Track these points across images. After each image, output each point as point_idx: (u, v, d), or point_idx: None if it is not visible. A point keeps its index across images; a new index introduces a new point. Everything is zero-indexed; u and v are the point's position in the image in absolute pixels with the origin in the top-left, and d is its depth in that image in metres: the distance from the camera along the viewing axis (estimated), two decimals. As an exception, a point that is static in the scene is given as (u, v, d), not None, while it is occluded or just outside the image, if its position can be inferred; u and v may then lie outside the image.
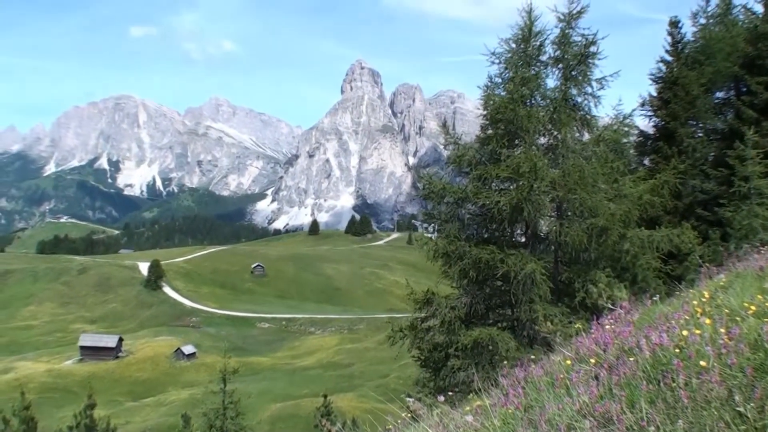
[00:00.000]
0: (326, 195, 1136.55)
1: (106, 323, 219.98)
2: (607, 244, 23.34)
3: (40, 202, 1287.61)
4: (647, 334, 7.64)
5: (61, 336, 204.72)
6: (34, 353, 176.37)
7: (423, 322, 25.76)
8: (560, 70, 25.29)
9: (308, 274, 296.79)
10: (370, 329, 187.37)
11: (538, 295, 22.56)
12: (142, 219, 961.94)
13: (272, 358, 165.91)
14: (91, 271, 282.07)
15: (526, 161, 22.44)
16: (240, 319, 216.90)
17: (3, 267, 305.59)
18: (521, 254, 22.79)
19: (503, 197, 22.80)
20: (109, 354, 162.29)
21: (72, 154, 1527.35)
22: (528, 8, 25.30)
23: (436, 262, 24.87)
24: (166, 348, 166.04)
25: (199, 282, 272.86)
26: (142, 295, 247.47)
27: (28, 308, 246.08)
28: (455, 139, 26.00)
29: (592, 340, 8.58)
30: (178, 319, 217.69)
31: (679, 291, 13.78)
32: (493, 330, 22.73)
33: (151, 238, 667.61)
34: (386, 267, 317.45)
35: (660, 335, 7.37)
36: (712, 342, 7.03)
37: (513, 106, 23.77)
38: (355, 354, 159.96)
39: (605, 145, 24.82)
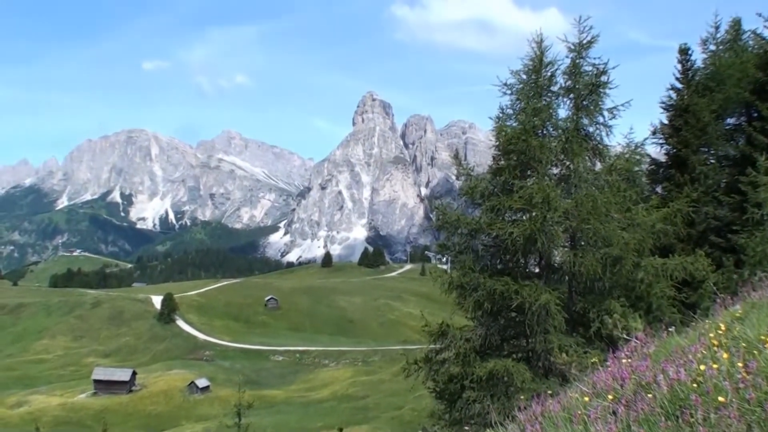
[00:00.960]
0: (339, 227, 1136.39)
1: (120, 357, 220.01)
2: (621, 273, 23.28)
3: (53, 235, 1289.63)
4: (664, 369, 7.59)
5: (75, 370, 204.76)
6: (48, 387, 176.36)
7: (438, 354, 25.69)
8: (571, 100, 25.31)
9: (322, 307, 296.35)
10: (384, 361, 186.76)
11: (553, 326, 22.50)
12: (155, 252, 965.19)
13: (286, 391, 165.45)
14: (105, 304, 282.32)
15: (539, 192, 22.42)
16: (254, 352, 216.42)
17: (16, 300, 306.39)
18: (535, 285, 22.74)
19: (517, 228, 22.77)
20: (122, 388, 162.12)
21: (85, 188, 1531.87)
22: (538, 39, 25.36)
23: (451, 293, 24.82)
24: (179, 381, 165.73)
25: (212, 315, 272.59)
26: (156, 328, 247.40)
27: (41, 342, 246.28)
28: (468, 171, 26.01)
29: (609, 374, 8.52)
30: (191, 352, 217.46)
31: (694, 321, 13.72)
32: (508, 361, 22.66)
33: (164, 271, 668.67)
34: (400, 298, 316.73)
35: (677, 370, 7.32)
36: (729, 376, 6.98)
37: (525, 136, 23.77)
38: (369, 386, 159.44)
39: (618, 174, 24.77)
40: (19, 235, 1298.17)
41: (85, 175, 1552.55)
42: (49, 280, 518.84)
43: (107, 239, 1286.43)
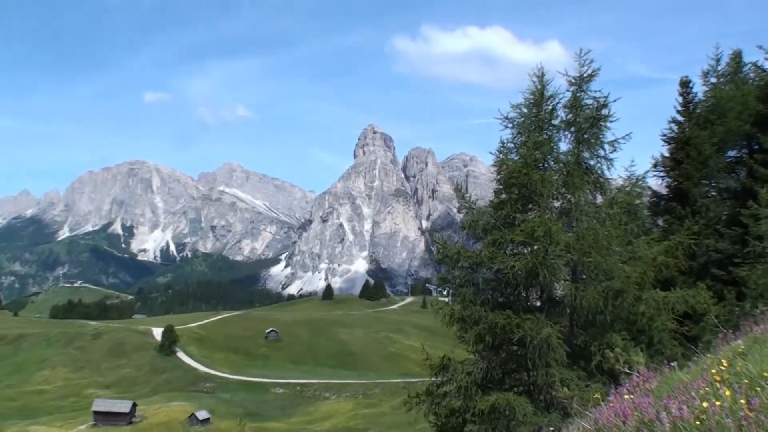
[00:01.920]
0: (340, 260, 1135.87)
1: (120, 388, 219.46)
2: (622, 306, 23.28)
3: (54, 266, 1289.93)
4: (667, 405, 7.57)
5: (75, 401, 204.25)
6: (47, 418, 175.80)
7: (439, 387, 25.66)
8: (572, 134, 25.39)
9: (322, 339, 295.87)
10: (385, 394, 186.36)
11: (555, 359, 22.47)
12: (155, 284, 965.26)
13: (287, 424, 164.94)
14: (105, 336, 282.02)
15: (541, 225, 22.44)
16: (254, 384, 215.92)
17: (17, 331, 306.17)
18: (537, 318, 22.73)
19: (518, 262, 22.78)
20: (122, 419, 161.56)
21: (86, 219, 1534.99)
22: (540, 73, 25.47)
23: (452, 326, 24.80)
24: (180, 413, 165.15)
25: (213, 347, 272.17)
26: (156, 360, 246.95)
27: (41, 373, 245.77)
28: (469, 204, 26.05)
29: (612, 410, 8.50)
30: (192, 384, 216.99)
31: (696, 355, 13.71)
32: (510, 395, 22.61)
33: (164, 303, 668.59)
34: (401, 331, 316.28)
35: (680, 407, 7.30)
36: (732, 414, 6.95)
37: (526, 170, 23.83)
38: (370, 419, 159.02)
39: (619, 207, 24.82)
40: (20, 266, 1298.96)
41: (87, 207, 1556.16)
42: (50, 311, 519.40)
43: (108, 270, 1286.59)
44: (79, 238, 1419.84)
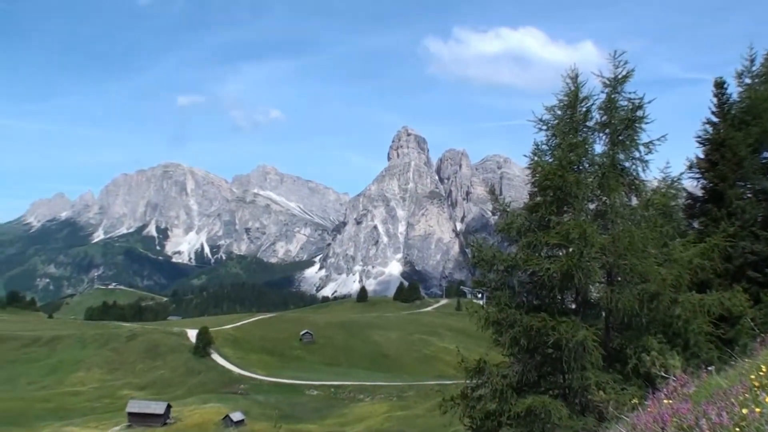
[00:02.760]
0: (374, 262, 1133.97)
1: (155, 390, 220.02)
2: (658, 309, 23.13)
3: (89, 268, 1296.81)
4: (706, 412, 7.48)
5: (109, 402, 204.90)
6: (82, 419, 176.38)
7: (474, 390, 25.58)
8: (607, 135, 25.27)
9: (357, 341, 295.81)
10: (419, 396, 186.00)
11: (590, 362, 22.37)
12: (190, 286, 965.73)
13: (321, 426, 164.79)
14: (140, 337, 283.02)
15: (576, 228, 22.35)
16: (288, 386, 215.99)
17: (52, 333, 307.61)
18: (572, 321, 22.63)
19: (553, 264, 22.70)
20: (157, 421, 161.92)
21: (120, 222, 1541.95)
22: (573, 74, 25.35)
23: (487, 329, 24.73)
24: (214, 415, 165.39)
25: (247, 349, 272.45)
26: (191, 362, 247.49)
27: (76, 374, 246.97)
28: (504, 207, 25.98)
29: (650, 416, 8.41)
30: (226, 386, 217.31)
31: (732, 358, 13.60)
32: (545, 398, 22.55)
33: (199, 305, 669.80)
34: (435, 333, 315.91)
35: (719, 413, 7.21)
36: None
37: (561, 172, 23.73)
38: (404, 421, 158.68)
39: (654, 209, 24.66)
40: (55, 268, 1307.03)
41: (121, 209, 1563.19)
42: (85, 312, 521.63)
43: (143, 273, 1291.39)
44: (114, 241, 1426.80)
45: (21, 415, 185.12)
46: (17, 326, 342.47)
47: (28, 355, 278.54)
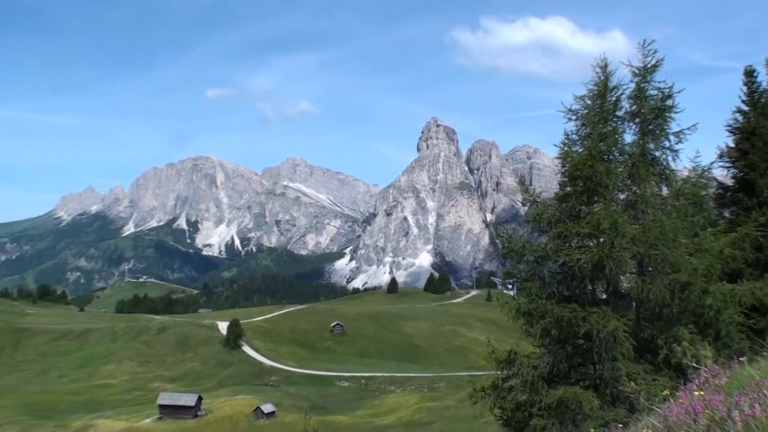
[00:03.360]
0: (404, 253, 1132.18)
1: (186, 382, 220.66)
2: (689, 299, 23.02)
3: (119, 262, 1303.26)
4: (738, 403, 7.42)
5: (141, 394, 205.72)
6: (113, 411, 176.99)
7: (505, 381, 25.54)
8: (637, 125, 25.14)
9: (387, 333, 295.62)
10: (450, 387, 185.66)
11: (621, 353, 22.30)
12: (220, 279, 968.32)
13: (352, 417, 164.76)
14: (171, 330, 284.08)
15: (607, 218, 22.29)
16: (319, 377, 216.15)
17: (83, 326, 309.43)
18: (603, 312, 22.57)
19: (584, 254, 22.64)
20: (188, 413, 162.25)
21: (150, 215, 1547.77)
22: (603, 64, 25.24)
23: (518, 320, 24.69)
24: (245, 407, 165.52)
25: (278, 341, 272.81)
26: (222, 354, 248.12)
27: (107, 367, 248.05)
28: (534, 197, 25.92)
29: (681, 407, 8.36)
30: (257, 378, 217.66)
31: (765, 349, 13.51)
32: (576, 389, 22.50)
33: (230, 297, 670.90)
34: (466, 324, 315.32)
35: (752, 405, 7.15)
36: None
37: (591, 162, 23.65)
38: (435, 412, 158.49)
39: (685, 199, 24.53)
40: (86, 262, 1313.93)
41: (151, 202, 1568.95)
42: (116, 305, 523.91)
43: (173, 266, 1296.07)
44: (144, 234, 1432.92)
45: (52, 408, 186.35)
46: (48, 320, 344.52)
47: (59, 348, 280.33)
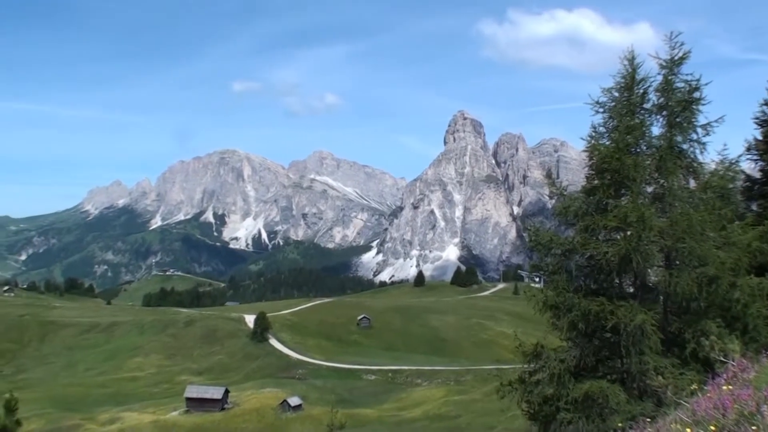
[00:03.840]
0: (431, 246, 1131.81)
1: (213, 375, 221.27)
2: (717, 293, 22.90)
3: (146, 255, 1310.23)
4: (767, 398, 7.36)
5: (168, 387, 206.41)
6: (140, 404, 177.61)
7: (532, 374, 25.49)
8: (664, 118, 25.03)
9: (414, 326, 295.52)
10: (476, 380, 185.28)
11: (648, 347, 22.23)
12: (247, 272, 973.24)
13: (378, 410, 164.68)
14: (198, 323, 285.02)
15: (634, 211, 22.22)
16: (346, 370, 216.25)
17: (110, 319, 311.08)
18: (630, 305, 22.50)
19: (611, 248, 22.60)
20: (215, 405, 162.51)
21: (178, 208, 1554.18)
22: (630, 56, 25.12)
23: (545, 313, 24.64)
24: (272, 400, 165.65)
25: (305, 334, 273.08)
26: (249, 347, 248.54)
27: (134, 359, 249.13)
28: (561, 191, 25.83)
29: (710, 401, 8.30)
30: (284, 371, 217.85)
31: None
32: (603, 383, 22.46)
33: (257, 290, 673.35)
34: (493, 318, 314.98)
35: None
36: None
37: (619, 155, 23.57)
38: (461, 406, 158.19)
39: (712, 192, 24.40)
40: (113, 255, 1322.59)
41: (178, 196, 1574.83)
42: (143, 299, 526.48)
43: (200, 259, 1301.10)
44: (171, 227, 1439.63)
45: (79, 400, 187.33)
46: (76, 313, 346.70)
47: (86, 341, 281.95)
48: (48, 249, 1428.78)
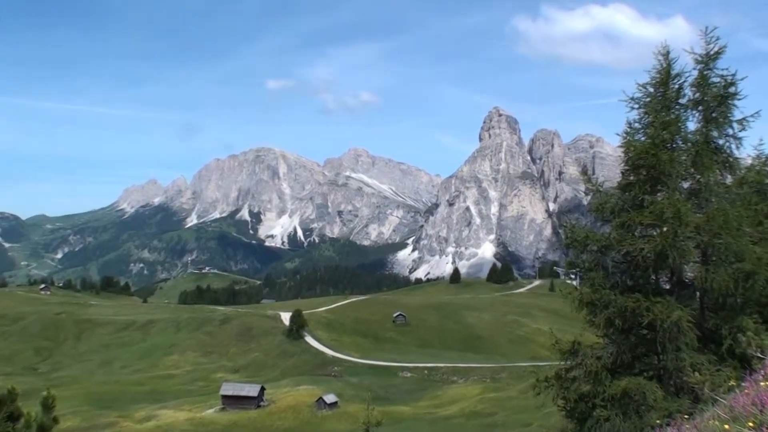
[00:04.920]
0: (467, 243, 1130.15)
1: (248, 372, 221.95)
2: (753, 288, 22.75)
3: (182, 253, 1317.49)
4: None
5: (203, 385, 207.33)
6: (176, 401, 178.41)
7: (568, 371, 25.42)
8: (700, 113, 24.86)
9: (450, 323, 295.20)
10: (512, 378, 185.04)
11: (685, 343, 22.13)
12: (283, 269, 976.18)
13: (414, 408, 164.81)
14: (234, 320, 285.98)
15: (670, 207, 22.12)
16: (382, 368, 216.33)
17: (146, 317, 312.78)
18: (667, 301, 22.41)
19: (647, 244, 22.51)
20: (250, 403, 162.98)
21: (213, 206, 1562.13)
22: (665, 51, 24.99)
23: (581, 311, 24.59)
24: (307, 397, 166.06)
25: (341, 331, 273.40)
26: (284, 344, 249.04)
27: (170, 357, 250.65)
28: (597, 187, 25.77)
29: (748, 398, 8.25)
30: (319, 368, 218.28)
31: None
32: (640, 379, 22.40)
33: (292, 288, 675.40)
34: (528, 314, 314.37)
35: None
36: None
37: (654, 151, 23.46)
38: (497, 403, 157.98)
39: (749, 187, 24.28)
40: (149, 253, 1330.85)
41: (214, 194, 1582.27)
42: (179, 296, 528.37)
43: (236, 257, 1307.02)
44: (207, 225, 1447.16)
45: (115, 398, 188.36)
46: (112, 311, 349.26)
47: (122, 339, 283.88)
48: (84, 247, 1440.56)
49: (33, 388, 77.26)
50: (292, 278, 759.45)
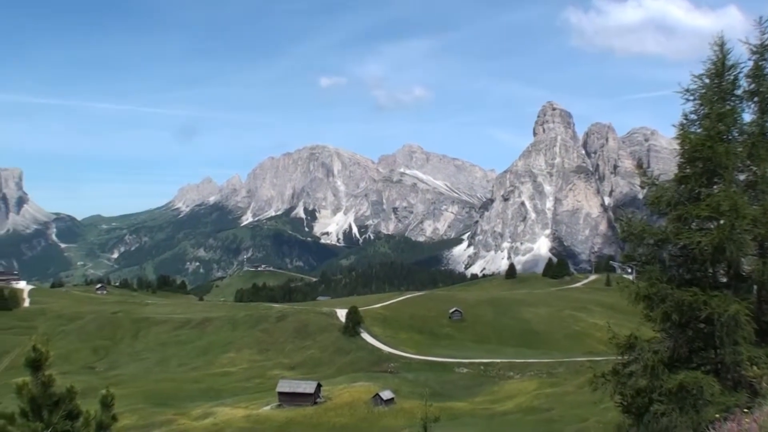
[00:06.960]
0: (522, 238, 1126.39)
1: (305, 369, 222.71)
2: (813, 281, 22.54)
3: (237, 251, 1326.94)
4: None
5: (260, 382, 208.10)
6: (232, 399, 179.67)
7: (625, 366, 25.25)
8: (756, 104, 24.60)
9: (506, 318, 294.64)
10: (569, 373, 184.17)
11: (742, 337, 21.90)
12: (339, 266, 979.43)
13: (471, 403, 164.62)
14: (290, 318, 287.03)
15: (726, 199, 21.89)
16: (438, 364, 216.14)
17: (202, 315, 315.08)
18: (724, 295, 22.20)
19: (704, 237, 22.29)
20: (307, 400, 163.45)
21: (268, 204, 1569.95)
22: (719, 42, 24.75)
23: (637, 305, 24.41)
24: (364, 394, 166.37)
25: (396, 328, 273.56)
26: (340, 341, 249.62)
27: (226, 355, 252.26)
28: (652, 180, 25.54)
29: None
30: (375, 364, 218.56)
31: None
32: (698, 374, 22.18)
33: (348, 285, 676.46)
34: (585, 309, 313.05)
35: None
36: None
37: (710, 143, 23.24)
38: (554, 398, 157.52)
39: (807, 179, 24.00)
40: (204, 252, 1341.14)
41: (269, 192, 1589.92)
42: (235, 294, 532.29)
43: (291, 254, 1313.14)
44: (262, 224, 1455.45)
45: (172, 396, 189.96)
46: (168, 309, 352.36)
47: (179, 337, 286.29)
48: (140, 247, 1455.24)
49: (90, 387, 78.05)
50: (347, 275, 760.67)
